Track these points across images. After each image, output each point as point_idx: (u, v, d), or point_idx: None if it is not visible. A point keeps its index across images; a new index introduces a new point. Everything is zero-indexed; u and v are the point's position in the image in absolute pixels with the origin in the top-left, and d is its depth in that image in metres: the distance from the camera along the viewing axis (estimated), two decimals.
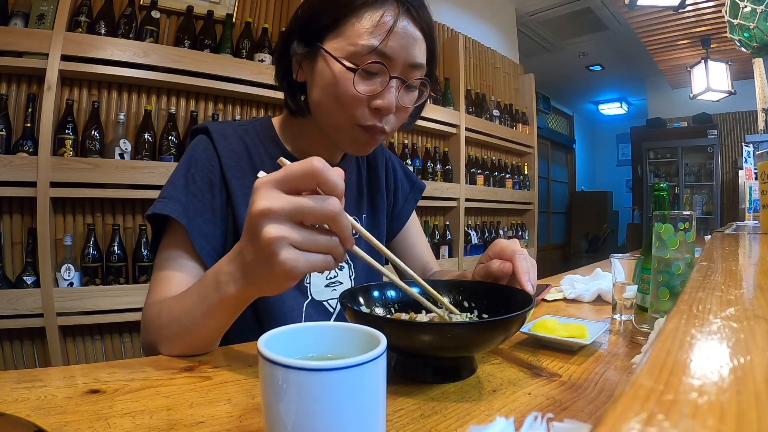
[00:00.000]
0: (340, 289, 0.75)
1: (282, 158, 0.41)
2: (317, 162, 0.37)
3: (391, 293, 0.60)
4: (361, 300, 0.56)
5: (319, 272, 0.40)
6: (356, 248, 0.44)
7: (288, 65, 0.68)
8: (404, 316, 0.56)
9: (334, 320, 0.74)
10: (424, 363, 0.48)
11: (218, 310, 0.48)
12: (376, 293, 0.59)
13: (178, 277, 0.61)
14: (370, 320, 0.47)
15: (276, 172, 0.39)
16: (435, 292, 0.53)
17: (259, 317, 0.68)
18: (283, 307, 0.68)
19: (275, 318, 0.68)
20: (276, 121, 0.76)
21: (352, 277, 0.78)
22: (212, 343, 0.55)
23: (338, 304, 0.75)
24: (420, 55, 0.63)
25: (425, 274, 0.90)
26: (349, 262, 0.78)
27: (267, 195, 0.38)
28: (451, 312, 0.54)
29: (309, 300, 0.72)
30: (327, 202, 0.38)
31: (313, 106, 0.67)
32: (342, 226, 0.39)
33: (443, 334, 0.43)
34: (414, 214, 0.94)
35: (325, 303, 0.74)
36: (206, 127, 0.69)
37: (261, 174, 0.40)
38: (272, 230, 0.38)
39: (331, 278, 0.75)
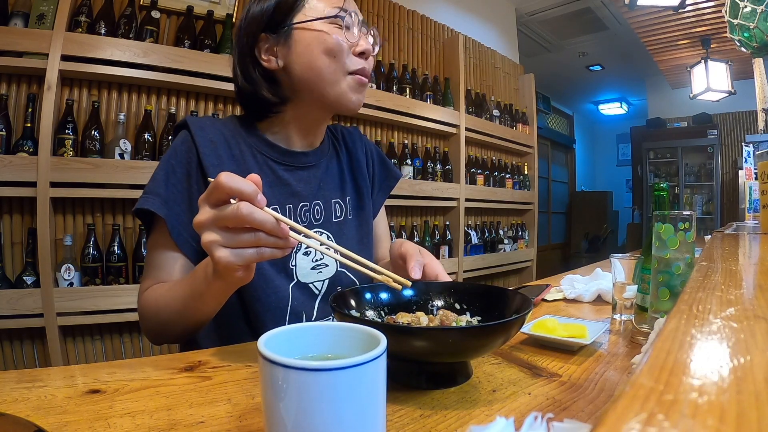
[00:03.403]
0: (326, 271, 0.77)
1: (210, 178, 0.51)
2: (221, 178, 0.44)
3: (384, 296, 0.59)
4: (352, 303, 0.55)
5: (263, 261, 0.51)
6: (295, 235, 0.49)
7: (252, 62, 0.72)
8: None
9: (319, 302, 0.75)
10: (418, 369, 0.47)
11: (207, 295, 0.55)
12: (368, 295, 0.58)
13: (166, 266, 0.68)
14: (365, 325, 0.46)
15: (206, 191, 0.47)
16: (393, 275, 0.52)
17: (243, 299, 0.70)
18: (267, 289, 0.70)
19: (260, 300, 0.69)
20: None
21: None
22: (205, 322, 0.62)
23: (324, 285, 0.77)
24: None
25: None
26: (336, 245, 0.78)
27: (200, 210, 0.47)
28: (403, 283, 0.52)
29: (295, 282, 0.73)
30: (236, 208, 0.44)
31: (298, 80, 0.70)
32: (257, 222, 0.45)
33: (440, 339, 0.42)
34: (383, 208, 0.96)
35: (310, 285, 0.75)
36: (185, 122, 0.74)
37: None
38: (205, 237, 0.46)
39: (317, 261, 0.76)
